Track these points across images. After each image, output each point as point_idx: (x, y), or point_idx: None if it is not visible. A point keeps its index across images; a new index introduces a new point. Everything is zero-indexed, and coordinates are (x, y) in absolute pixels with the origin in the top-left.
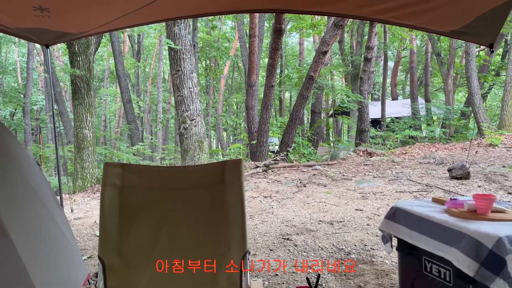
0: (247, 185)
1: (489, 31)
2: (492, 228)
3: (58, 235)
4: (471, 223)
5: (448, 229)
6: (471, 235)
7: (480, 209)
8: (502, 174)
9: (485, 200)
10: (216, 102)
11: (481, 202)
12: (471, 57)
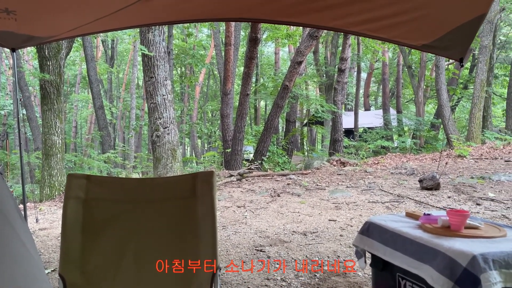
0: (220, 194)
1: (459, 46)
2: (466, 246)
3: (17, 247)
4: (445, 240)
5: (422, 245)
6: (445, 252)
7: (454, 225)
8: (471, 185)
9: (458, 216)
10: (190, 109)
11: (455, 218)
12: (441, 70)
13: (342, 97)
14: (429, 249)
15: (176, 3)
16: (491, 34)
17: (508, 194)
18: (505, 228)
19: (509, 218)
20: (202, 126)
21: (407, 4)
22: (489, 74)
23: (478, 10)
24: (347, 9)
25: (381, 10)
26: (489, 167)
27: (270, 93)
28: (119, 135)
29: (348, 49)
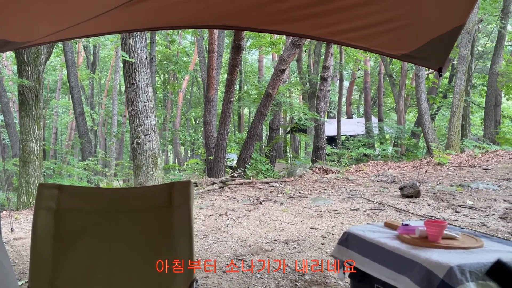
0: (202, 202)
1: (438, 56)
2: (443, 257)
3: None
4: (422, 251)
5: (400, 257)
6: (422, 263)
7: (431, 236)
8: (450, 193)
9: (436, 227)
10: (173, 116)
11: (433, 229)
12: (421, 80)
13: (325, 105)
14: (407, 260)
15: (157, 9)
16: (469, 45)
17: (486, 202)
18: (482, 238)
19: (487, 226)
20: (185, 133)
21: (387, 15)
22: (467, 84)
23: (456, 22)
24: (328, 18)
25: (362, 20)
26: (468, 175)
27: (254, 101)
28: (100, 142)
29: (331, 58)
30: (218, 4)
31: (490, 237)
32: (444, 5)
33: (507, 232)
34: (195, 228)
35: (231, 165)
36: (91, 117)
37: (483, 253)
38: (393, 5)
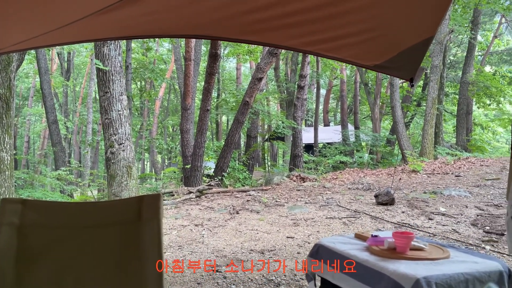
0: (178, 212)
1: (409, 66)
2: (410, 268)
3: None
4: (390, 262)
5: (368, 269)
6: (390, 276)
7: (399, 247)
8: (423, 200)
9: (404, 238)
10: (150, 124)
11: (400, 241)
12: (395, 88)
13: (302, 113)
14: (375, 272)
15: (129, 18)
16: (441, 55)
17: (458, 208)
18: (449, 248)
19: (459, 233)
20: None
21: (360, 26)
22: (440, 92)
23: (426, 33)
24: (302, 29)
25: (335, 31)
26: (441, 182)
27: (231, 109)
28: (74, 151)
29: (307, 67)
30: (191, 15)
31: (457, 247)
32: (414, 18)
33: (477, 238)
34: (170, 239)
35: (208, 174)
36: (65, 125)
37: (449, 264)
38: (365, 17)
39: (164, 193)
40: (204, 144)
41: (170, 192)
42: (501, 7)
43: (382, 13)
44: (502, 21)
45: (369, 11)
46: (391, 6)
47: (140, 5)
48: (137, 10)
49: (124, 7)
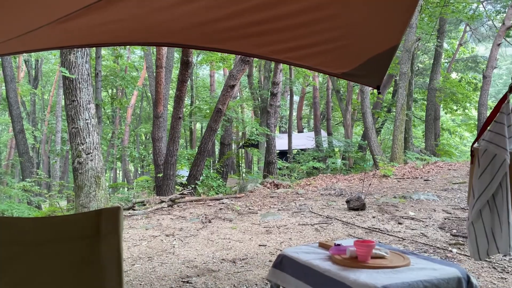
0: (149, 222)
1: (375, 74)
2: (371, 277)
3: None
4: (351, 272)
5: (330, 279)
6: (350, 285)
7: (360, 256)
8: (393, 205)
9: (365, 247)
10: (121, 132)
11: (361, 249)
12: (366, 95)
13: (275, 120)
14: (337, 282)
15: (92, 26)
16: (409, 62)
17: (427, 212)
18: (410, 255)
19: (427, 236)
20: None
21: (328, 35)
22: (408, 99)
23: (391, 42)
24: (270, 37)
25: (303, 40)
26: (410, 186)
27: (205, 116)
28: (43, 161)
29: (280, 74)
30: (159, 23)
31: (417, 254)
32: (379, 27)
33: (445, 241)
34: (140, 250)
35: (182, 182)
36: (33, 134)
37: (409, 271)
38: (332, 26)
39: (136, 202)
40: (177, 152)
41: (142, 202)
42: (465, 16)
43: (348, 23)
44: (466, 29)
45: (336, 20)
46: (357, 16)
47: (103, 13)
48: (100, 18)
49: (86, 15)
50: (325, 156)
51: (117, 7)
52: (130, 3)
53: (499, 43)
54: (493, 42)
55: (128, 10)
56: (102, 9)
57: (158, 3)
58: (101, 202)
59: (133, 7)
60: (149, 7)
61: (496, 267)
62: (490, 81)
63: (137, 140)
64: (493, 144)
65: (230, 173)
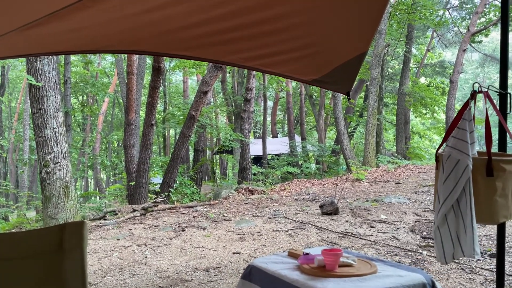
0: (120, 232)
1: (345, 81)
2: (337, 286)
3: None
4: (319, 281)
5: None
6: None
7: (328, 265)
8: (366, 208)
9: (332, 255)
10: (92, 140)
11: (329, 258)
12: (338, 100)
13: (249, 125)
14: None
15: (56, 34)
16: (379, 67)
17: (398, 215)
18: (377, 262)
19: (398, 239)
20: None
21: (297, 43)
22: (379, 103)
23: (359, 49)
24: (240, 45)
25: (273, 47)
26: (382, 189)
27: (178, 122)
28: (10, 170)
29: (253, 80)
30: (126, 30)
31: (385, 260)
32: (347, 35)
33: (415, 244)
34: (111, 261)
35: (155, 190)
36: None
37: (375, 279)
38: (301, 34)
39: (107, 212)
40: (149, 160)
41: (114, 211)
42: (432, 22)
43: (318, 31)
44: (433, 35)
45: (306, 28)
46: (326, 24)
47: (67, 21)
48: (63, 26)
49: (49, 22)
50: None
51: (81, 15)
52: (95, 11)
53: (464, 48)
54: (459, 48)
55: (93, 18)
56: (66, 17)
57: (125, 11)
58: (70, 212)
59: (99, 15)
60: (115, 14)
61: (464, 268)
62: (457, 85)
63: (109, 147)
64: (456, 150)
65: (204, 179)
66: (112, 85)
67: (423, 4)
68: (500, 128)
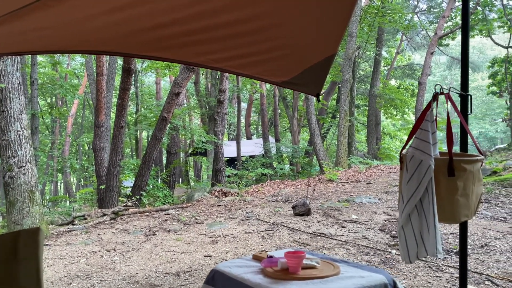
0: (88, 237)
1: (314, 83)
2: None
3: None
4: (282, 284)
5: None
6: None
7: (291, 267)
8: (337, 209)
9: (295, 258)
10: (61, 143)
11: (292, 261)
12: (310, 102)
13: (223, 127)
14: None
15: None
16: (350, 69)
17: (368, 215)
18: (340, 264)
19: (368, 239)
20: (74, 161)
21: (266, 45)
22: (351, 105)
23: (328, 52)
24: (209, 46)
25: (242, 49)
26: (354, 190)
27: (150, 124)
28: None
29: (227, 81)
30: (92, 31)
31: (348, 261)
32: (316, 38)
33: (385, 243)
34: (78, 268)
35: (126, 194)
36: None
37: (338, 281)
38: (270, 36)
39: (76, 217)
40: (120, 163)
41: (83, 216)
42: (401, 26)
43: (287, 33)
44: (403, 38)
45: (275, 31)
46: (295, 26)
47: (29, 20)
48: (25, 25)
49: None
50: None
51: (44, 14)
52: (58, 10)
53: (432, 51)
54: (427, 50)
55: (56, 17)
56: (27, 16)
57: (88, 11)
58: (36, 218)
59: (62, 14)
60: (78, 15)
61: (431, 266)
62: (425, 87)
63: (79, 150)
64: (419, 150)
65: (178, 182)
66: (82, 87)
67: (393, 8)
68: (461, 129)
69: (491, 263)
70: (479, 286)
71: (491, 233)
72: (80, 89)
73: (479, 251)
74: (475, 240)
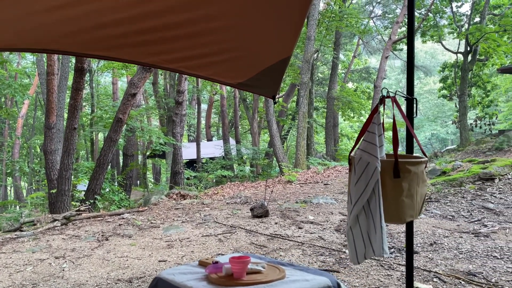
0: (36, 244)
1: (270, 85)
2: None
3: None
4: None
5: None
6: None
7: (236, 273)
8: (295, 210)
9: (239, 263)
10: (10, 145)
11: (236, 266)
12: (270, 104)
13: (181, 129)
14: None
15: None
16: (309, 72)
17: (325, 216)
18: (286, 267)
19: (324, 239)
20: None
21: (220, 46)
22: (310, 107)
23: (282, 54)
24: (162, 46)
25: (195, 50)
26: (312, 191)
27: (105, 126)
28: None
29: (185, 82)
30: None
31: (294, 265)
32: (271, 40)
33: (340, 243)
34: (24, 277)
35: (79, 198)
36: None
37: (282, 285)
38: (224, 38)
39: (24, 222)
40: (72, 166)
41: (32, 221)
42: (358, 30)
43: (241, 35)
44: (359, 42)
45: (228, 32)
46: (249, 28)
47: None
48: None
49: None
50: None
51: None
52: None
53: (387, 55)
54: (382, 55)
55: None
56: None
57: (32, 6)
58: None
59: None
60: (20, 10)
61: (383, 265)
62: (380, 90)
63: (30, 153)
64: (366, 152)
65: (135, 185)
66: (33, 86)
67: (349, 13)
68: (407, 131)
69: (439, 260)
70: (427, 284)
71: (440, 231)
72: (31, 89)
73: (429, 249)
74: (425, 238)
